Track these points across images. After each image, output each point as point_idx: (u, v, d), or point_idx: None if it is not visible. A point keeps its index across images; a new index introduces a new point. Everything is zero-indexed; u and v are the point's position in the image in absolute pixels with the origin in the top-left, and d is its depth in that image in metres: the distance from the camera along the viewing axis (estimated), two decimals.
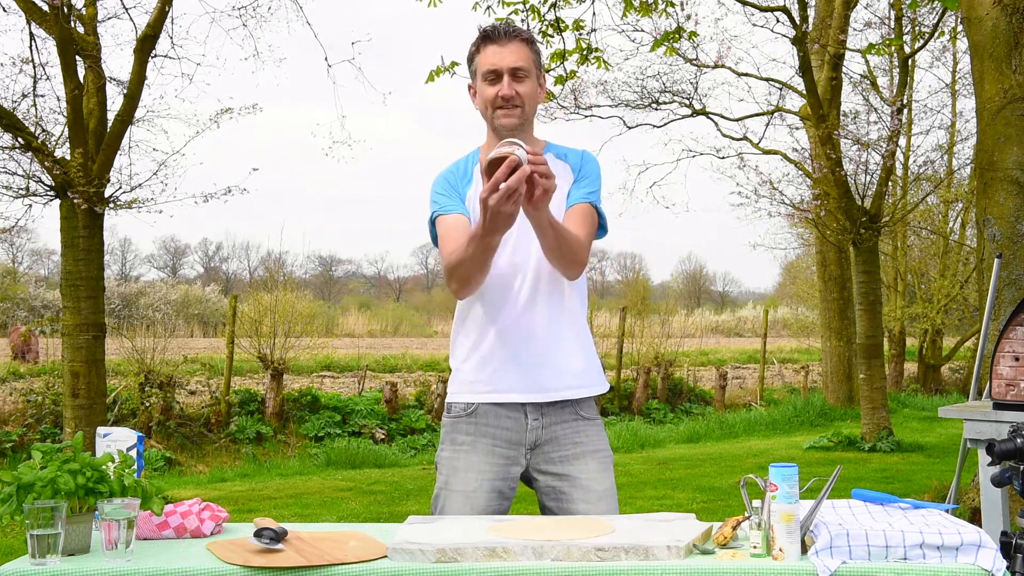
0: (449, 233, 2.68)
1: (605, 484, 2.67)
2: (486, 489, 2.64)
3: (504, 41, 2.68)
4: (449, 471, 2.70)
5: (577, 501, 2.64)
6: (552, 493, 2.68)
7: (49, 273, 40.18)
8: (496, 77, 2.68)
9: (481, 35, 2.72)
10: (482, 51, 2.71)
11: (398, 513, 7.04)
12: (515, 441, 2.68)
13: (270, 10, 9.55)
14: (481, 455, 2.66)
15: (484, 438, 2.68)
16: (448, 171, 2.80)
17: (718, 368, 16.62)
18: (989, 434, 3.92)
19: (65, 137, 7.70)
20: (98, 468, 2.17)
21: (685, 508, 7.11)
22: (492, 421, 2.68)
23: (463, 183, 2.76)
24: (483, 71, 2.69)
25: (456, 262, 2.58)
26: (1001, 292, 5.39)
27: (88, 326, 7.57)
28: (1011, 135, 5.56)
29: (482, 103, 2.73)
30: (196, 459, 10.32)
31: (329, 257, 58.40)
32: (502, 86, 2.67)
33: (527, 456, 2.69)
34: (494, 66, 2.67)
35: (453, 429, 2.73)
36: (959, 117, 17.01)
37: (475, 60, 2.73)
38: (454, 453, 2.71)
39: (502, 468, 2.67)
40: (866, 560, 2.01)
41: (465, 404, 2.71)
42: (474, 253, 2.52)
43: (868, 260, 10.74)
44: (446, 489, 2.68)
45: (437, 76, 7.53)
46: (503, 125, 2.69)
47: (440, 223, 2.73)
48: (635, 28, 11.16)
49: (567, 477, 2.66)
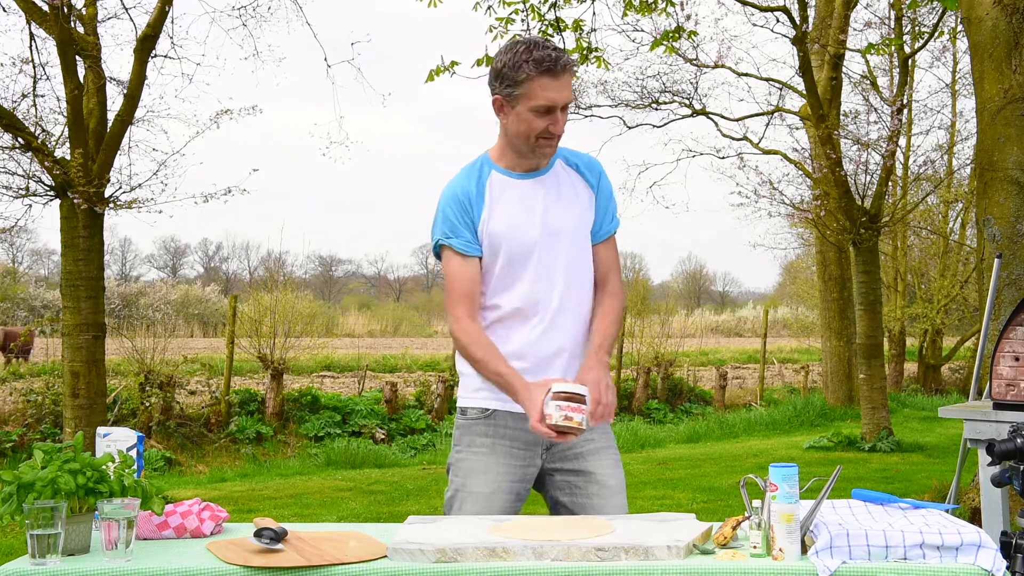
0: (458, 281, 2.67)
1: (618, 479, 2.73)
2: (504, 491, 2.66)
3: (560, 74, 2.59)
4: (466, 473, 2.69)
5: (593, 496, 2.67)
6: (567, 488, 2.70)
7: (49, 273, 40.22)
8: (549, 111, 2.61)
9: (534, 62, 2.57)
10: (536, 80, 2.58)
11: (398, 513, 7.04)
12: (532, 442, 2.69)
13: (270, 10, 9.55)
14: (499, 457, 2.68)
15: (503, 440, 2.69)
16: (460, 188, 2.70)
17: (718, 368, 16.63)
18: (989, 434, 3.92)
19: (65, 137, 7.70)
20: (98, 468, 2.17)
21: (685, 508, 7.10)
22: (510, 423, 2.69)
23: (476, 206, 2.68)
24: (535, 104, 2.59)
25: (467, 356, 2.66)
26: (1001, 292, 5.38)
27: (88, 326, 7.56)
28: (1011, 135, 5.56)
29: (525, 130, 2.63)
30: (196, 459, 10.32)
31: (329, 257, 58.46)
32: (555, 122, 2.61)
33: (542, 455, 2.71)
34: (551, 101, 2.59)
35: (469, 431, 2.73)
36: (959, 117, 17.03)
37: (523, 85, 2.59)
38: (472, 455, 2.70)
39: (519, 470, 2.69)
40: (866, 560, 2.01)
41: (481, 408, 2.71)
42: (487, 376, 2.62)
43: (868, 260, 10.74)
44: (463, 491, 2.68)
45: (437, 76, 7.52)
46: (545, 156, 2.68)
47: (448, 258, 2.69)
48: (635, 28, 11.16)
49: (583, 473, 2.69)
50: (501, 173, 2.72)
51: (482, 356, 2.62)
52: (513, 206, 2.69)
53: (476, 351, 2.62)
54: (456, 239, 2.67)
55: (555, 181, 2.74)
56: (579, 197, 2.75)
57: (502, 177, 2.71)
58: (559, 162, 2.76)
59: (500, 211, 2.68)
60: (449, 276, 2.69)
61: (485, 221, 2.67)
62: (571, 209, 2.73)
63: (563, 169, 2.76)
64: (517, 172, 2.72)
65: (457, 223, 2.67)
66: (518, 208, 2.69)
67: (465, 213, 2.68)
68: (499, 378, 2.59)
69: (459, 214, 2.68)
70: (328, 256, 58.19)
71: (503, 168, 2.73)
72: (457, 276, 2.67)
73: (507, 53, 2.62)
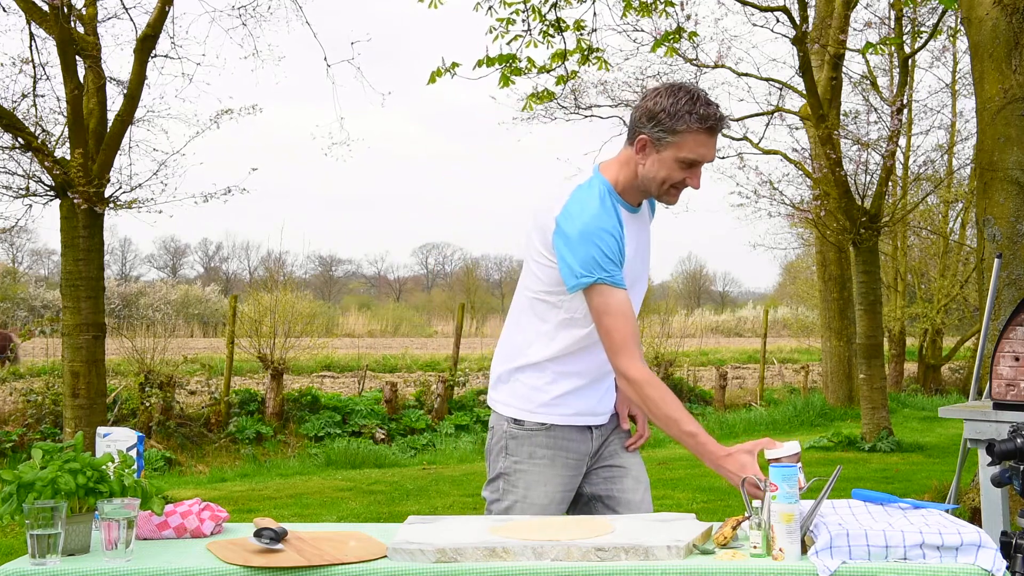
0: (630, 319, 2.60)
1: (647, 478, 2.92)
2: (558, 501, 2.73)
3: (716, 135, 2.58)
4: (528, 485, 2.71)
5: (627, 491, 2.81)
6: (605, 483, 2.81)
7: (49, 273, 40.21)
8: (693, 165, 2.59)
9: (699, 117, 2.53)
10: (694, 135, 2.54)
11: (398, 513, 7.04)
12: (585, 452, 2.79)
13: (270, 10, 9.54)
14: (559, 469, 2.73)
15: (562, 452, 2.74)
16: (609, 224, 2.59)
17: (718, 368, 16.62)
18: (989, 434, 3.92)
19: (65, 137, 7.70)
20: (98, 468, 2.17)
21: (685, 508, 7.11)
22: (568, 435, 2.74)
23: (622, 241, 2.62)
24: (684, 156, 2.56)
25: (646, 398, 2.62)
26: (1001, 292, 5.39)
27: (88, 326, 7.56)
28: (1011, 135, 5.56)
29: (664, 176, 2.59)
30: (196, 459, 10.32)
31: (329, 257, 58.43)
32: (695, 176, 2.61)
33: (589, 463, 2.81)
34: (702, 158, 2.58)
35: (529, 442, 2.73)
36: (959, 117, 17.02)
37: (679, 135, 2.54)
38: (533, 467, 2.72)
39: (573, 479, 2.77)
40: (866, 560, 2.01)
41: (541, 422, 2.73)
42: (669, 430, 2.65)
43: (868, 260, 10.74)
44: (524, 502, 2.70)
45: (438, 77, 7.53)
46: (668, 204, 2.71)
47: (610, 294, 2.57)
48: (635, 28, 11.13)
49: (622, 468, 2.84)
50: (623, 207, 2.68)
51: (665, 409, 2.63)
52: (633, 242, 2.70)
53: (656, 398, 2.63)
54: (616, 279, 2.58)
55: (645, 218, 2.82)
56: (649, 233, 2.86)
57: (624, 212, 2.68)
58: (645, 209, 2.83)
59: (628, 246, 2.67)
60: (620, 314, 2.58)
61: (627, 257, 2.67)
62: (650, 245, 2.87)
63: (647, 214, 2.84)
64: (632, 207, 2.72)
65: (615, 265, 2.58)
66: (635, 244, 2.72)
67: (620, 253, 2.61)
68: (690, 438, 2.60)
69: (615, 254, 2.59)
70: (328, 256, 58.21)
71: (624, 201, 2.69)
72: (629, 315, 2.61)
73: (668, 97, 2.55)
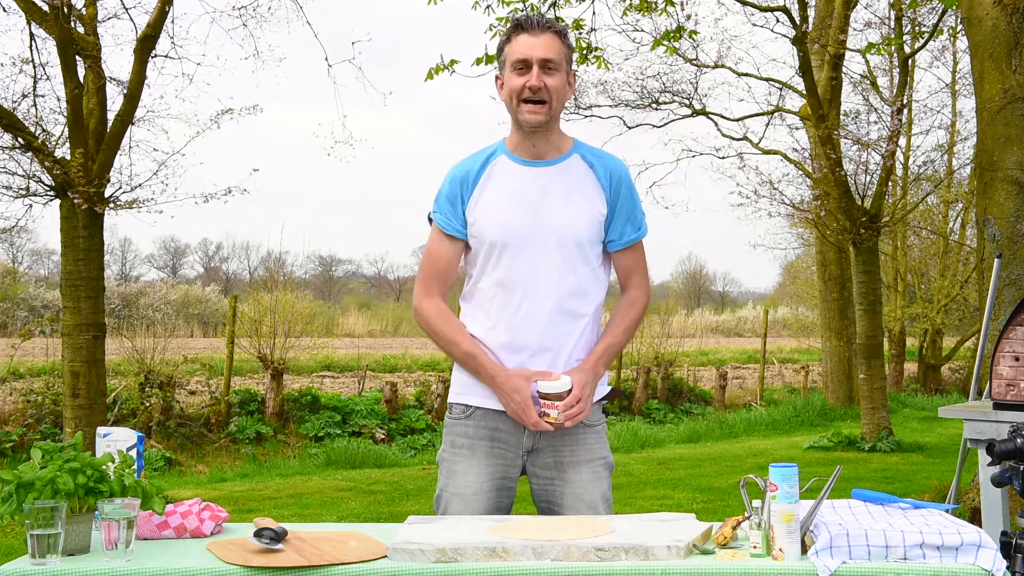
0: (432, 258, 2.70)
1: (595, 494, 2.63)
2: (486, 490, 2.63)
3: (537, 32, 2.61)
4: (449, 474, 2.69)
5: (567, 509, 2.63)
6: (543, 495, 2.68)
7: (49, 273, 40.15)
8: (525, 67, 2.61)
9: (514, 24, 2.65)
10: (513, 40, 2.64)
11: (398, 513, 7.04)
12: (513, 443, 2.66)
13: (270, 10, 9.54)
14: (480, 457, 2.65)
15: (483, 440, 2.66)
16: (461, 167, 2.71)
17: (718, 368, 16.62)
18: (989, 434, 3.92)
19: (65, 137, 7.70)
20: (98, 468, 2.17)
21: (685, 508, 7.10)
22: (490, 423, 2.66)
23: (469, 188, 2.67)
24: (512, 60, 2.62)
25: (431, 330, 2.66)
26: (1001, 292, 5.38)
27: (88, 326, 7.56)
28: (1011, 135, 5.56)
29: (508, 94, 2.65)
30: (196, 459, 10.31)
31: (329, 257, 58.37)
32: (530, 77, 2.59)
33: (524, 458, 2.68)
34: (524, 56, 2.60)
35: (452, 431, 2.72)
36: (959, 117, 17.02)
37: (505, 49, 2.66)
38: (453, 455, 2.69)
39: (501, 468, 2.66)
40: (866, 560, 2.01)
41: (464, 406, 2.69)
42: (453, 355, 2.64)
43: (868, 260, 10.74)
44: (447, 492, 2.67)
45: (436, 74, 7.52)
46: (527, 122, 2.61)
47: (430, 234, 2.72)
48: (635, 28, 11.15)
49: (559, 483, 2.65)
50: (508, 157, 2.69)
51: (448, 333, 2.64)
52: (505, 193, 2.64)
53: (441, 326, 2.64)
54: (441, 216, 2.68)
55: (565, 173, 2.66)
56: (587, 196, 2.65)
57: (507, 162, 2.68)
58: (576, 157, 2.70)
59: (490, 196, 2.65)
60: (426, 252, 2.72)
61: (472, 204, 2.66)
62: (572, 205, 2.63)
63: (579, 164, 2.69)
64: (523, 158, 2.68)
65: (447, 201, 2.68)
66: (509, 195, 2.64)
67: (458, 198, 2.67)
68: (470, 359, 2.60)
69: (453, 195, 2.67)
70: (328, 256, 58.14)
71: (512, 153, 2.69)
72: (433, 254, 2.70)
73: None
